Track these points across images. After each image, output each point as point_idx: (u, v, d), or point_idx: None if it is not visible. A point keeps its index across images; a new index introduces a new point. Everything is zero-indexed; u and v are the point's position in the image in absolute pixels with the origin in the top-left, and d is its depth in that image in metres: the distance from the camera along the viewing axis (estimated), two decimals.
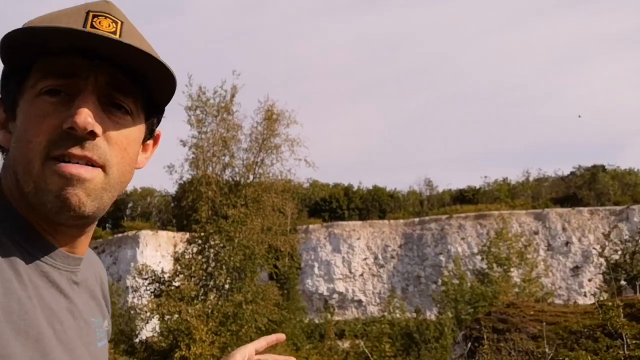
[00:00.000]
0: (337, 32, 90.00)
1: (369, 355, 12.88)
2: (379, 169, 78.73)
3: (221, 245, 15.54)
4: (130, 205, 48.98)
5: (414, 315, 23.86)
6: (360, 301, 32.06)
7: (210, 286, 15.83)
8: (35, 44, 0.62)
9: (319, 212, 39.34)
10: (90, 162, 0.63)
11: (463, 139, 74.81)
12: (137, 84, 0.67)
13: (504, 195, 38.92)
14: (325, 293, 32.27)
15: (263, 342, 0.97)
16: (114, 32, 0.64)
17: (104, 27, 0.64)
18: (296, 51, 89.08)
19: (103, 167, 0.65)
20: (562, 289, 28.76)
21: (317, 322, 28.53)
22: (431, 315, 25.44)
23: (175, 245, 20.14)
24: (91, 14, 0.65)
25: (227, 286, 15.80)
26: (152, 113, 0.74)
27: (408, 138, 78.43)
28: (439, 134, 75.41)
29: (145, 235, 33.30)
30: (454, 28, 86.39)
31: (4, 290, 0.58)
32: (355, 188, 42.85)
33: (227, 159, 16.64)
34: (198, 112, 16.26)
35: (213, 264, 15.85)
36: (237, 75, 17.11)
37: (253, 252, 15.43)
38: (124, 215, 47.55)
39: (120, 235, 35.49)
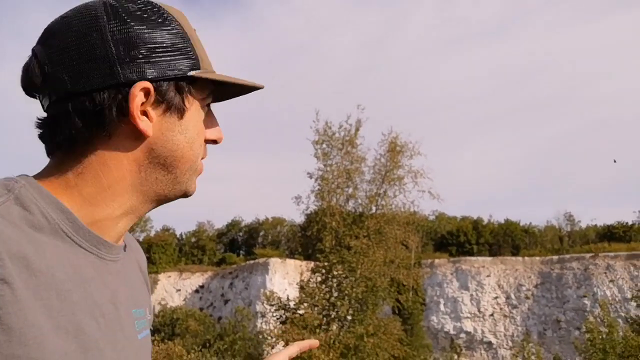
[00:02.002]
0: (464, 63, 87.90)
1: None
2: (512, 202, 73.98)
3: (344, 275, 15.70)
4: (262, 233, 51.87)
5: None
6: (490, 343, 29.89)
7: (332, 316, 15.99)
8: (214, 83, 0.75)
9: (446, 247, 37.92)
10: None
11: (609, 170, 67.37)
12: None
13: None
14: (452, 332, 30.66)
15: (296, 347, 0.97)
16: None
17: None
18: (421, 84, 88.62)
19: None
20: None
21: None
22: None
23: (301, 274, 20.78)
24: None
25: (349, 317, 15.84)
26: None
27: (544, 169, 72.85)
28: (580, 164, 68.98)
29: (275, 262, 34.89)
30: (592, 52, 79.32)
31: (45, 286, 0.58)
32: (485, 222, 40.64)
33: (350, 190, 16.97)
34: (324, 145, 16.89)
35: (336, 294, 16.04)
36: (362, 109, 17.52)
37: (375, 285, 15.34)
38: (256, 243, 50.42)
39: (252, 262, 37.62)
